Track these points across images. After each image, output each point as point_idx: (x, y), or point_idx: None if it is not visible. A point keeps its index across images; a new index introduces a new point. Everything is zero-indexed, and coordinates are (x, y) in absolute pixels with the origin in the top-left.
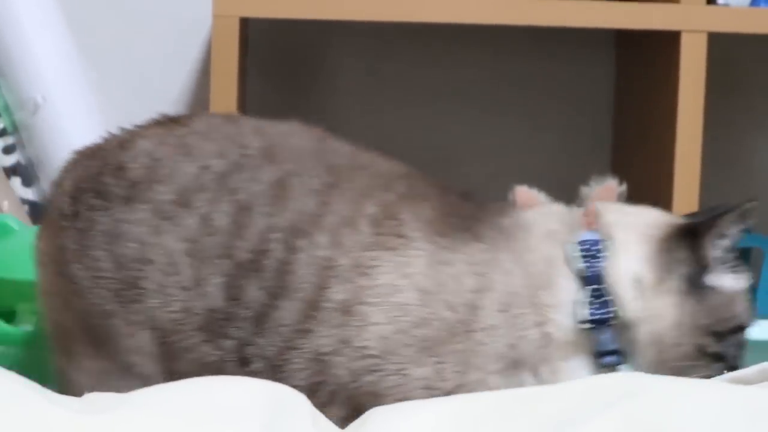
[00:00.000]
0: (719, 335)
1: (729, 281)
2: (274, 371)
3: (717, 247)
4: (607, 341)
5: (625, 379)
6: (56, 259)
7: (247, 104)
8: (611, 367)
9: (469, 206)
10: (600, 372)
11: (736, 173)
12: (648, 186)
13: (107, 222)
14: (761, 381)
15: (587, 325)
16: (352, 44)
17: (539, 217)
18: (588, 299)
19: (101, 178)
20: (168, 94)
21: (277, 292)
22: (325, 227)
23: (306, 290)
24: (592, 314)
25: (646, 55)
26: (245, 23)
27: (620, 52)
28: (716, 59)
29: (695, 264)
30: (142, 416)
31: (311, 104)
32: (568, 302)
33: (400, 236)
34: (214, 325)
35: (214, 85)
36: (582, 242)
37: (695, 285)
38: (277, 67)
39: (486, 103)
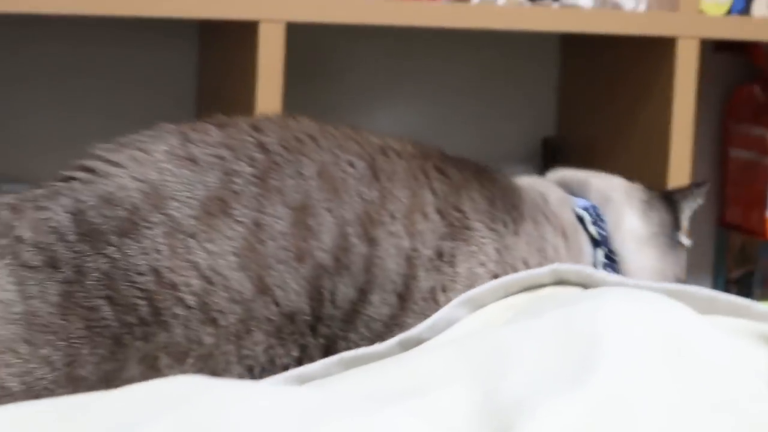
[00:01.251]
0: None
1: (686, 240)
2: None
3: (686, 213)
4: None
5: (181, 383)
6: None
7: None
8: None
9: (497, 182)
10: None
11: None
12: None
13: (102, 265)
14: (325, 375)
15: None
16: None
17: (539, 185)
18: (603, 261)
19: (84, 216)
20: None
21: (366, 288)
22: (395, 216)
23: (397, 283)
24: None
25: (228, 43)
26: None
27: (203, 40)
28: (297, 46)
29: (674, 225)
30: None
31: None
32: (592, 266)
33: (467, 228)
34: (296, 328)
35: None
36: (586, 208)
37: (674, 241)
38: None
39: (64, 92)
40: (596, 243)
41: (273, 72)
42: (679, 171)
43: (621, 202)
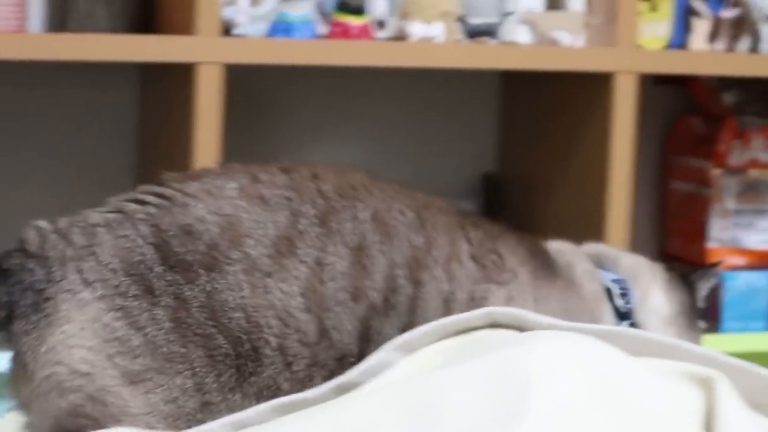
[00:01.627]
0: None
1: (703, 324)
2: None
3: (702, 294)
4: None
5: None
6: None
7: None
8: None
9: (533, 240)
10: None
11: None
12: None
13: (199, 295)
14: (259, 422)
15: None
16: None
17: (568, 253)
18: None
19: (169, 247)
20: None
21: (408, 329)
22: (437, 261)
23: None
24: None
25: (168, 85)
26: None
27: (144, 82)
28: (236, 86)
29: (693, 306)
30: None
31: None
32: None
33: (506, 270)
34: (343, 372)
35: None
36: (615, 281)
37: (692, 322)
38: None
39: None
40: (621, 315)
41: (211, 113)
42: (619, 204)
43: (648, 280)
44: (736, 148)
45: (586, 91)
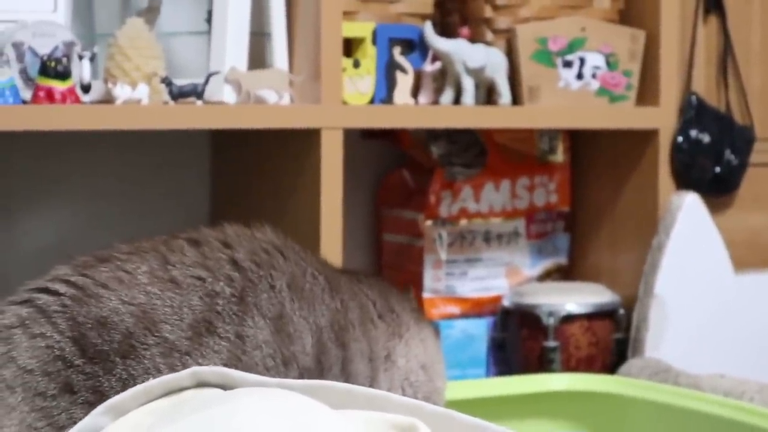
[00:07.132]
0: None
1: None
2: None
3: None
4: None
5: None
6: None
7: None
8: None
9: (403, 291)
10: None
11: None
12: None
13: (116, 385)
14: None
15: None
16: None
17: None
18: None
19: (86, 339)
20: None
21: None
22: (354, 324)
23: (365, 385)
24: None
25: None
26: None
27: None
28: None
29: None
30: None
31: None
32: None
33: (403, 324)
34: None
35: None
36: None
37: None
38: None
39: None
40: None
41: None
42: (332, 257)
43: None
44: (446, 199)
45: (294, 147)
